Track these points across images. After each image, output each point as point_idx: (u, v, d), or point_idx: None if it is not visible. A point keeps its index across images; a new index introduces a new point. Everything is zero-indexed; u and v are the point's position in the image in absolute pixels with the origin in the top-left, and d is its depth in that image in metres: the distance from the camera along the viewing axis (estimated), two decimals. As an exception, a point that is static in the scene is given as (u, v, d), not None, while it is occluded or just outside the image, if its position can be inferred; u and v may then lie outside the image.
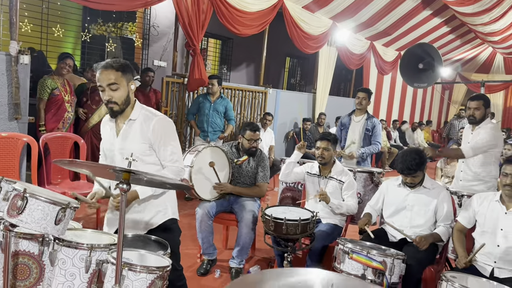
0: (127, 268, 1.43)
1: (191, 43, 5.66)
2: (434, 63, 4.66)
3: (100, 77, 2.09)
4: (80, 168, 1.37)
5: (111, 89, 2.10)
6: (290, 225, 2.83)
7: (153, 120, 2.21)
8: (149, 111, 2.27)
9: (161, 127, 2.23)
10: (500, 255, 2.53)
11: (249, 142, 3.64)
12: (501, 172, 2.63)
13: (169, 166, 2.26)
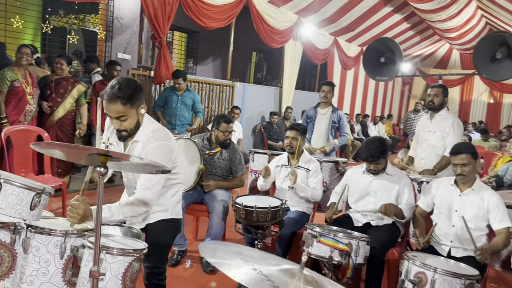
0: (105, 252, 1.46)
1: (157, 35, 5.62)
2: (395, 57, 4.87)
3: (107, 108, 2.00)
4: (56, 149, 1.36)
5: (120, 120, 2.02)
6: (260, 212, 2.90)
7: (150, 145, 2.12)
8: (153, 133, 2.14)
9: (153, 153, 2.09)
10: (456, 235, 2.71)
11: (224, 134, 3.70)
12: (451, 163, 2.81)
13: (137, 190, 2.07)
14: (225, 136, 3.70)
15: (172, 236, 2.42)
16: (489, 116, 16.03)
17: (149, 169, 1.57)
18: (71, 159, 1.57)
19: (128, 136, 2.13)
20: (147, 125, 2.16)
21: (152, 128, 2.17)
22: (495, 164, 6.34)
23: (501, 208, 2.64)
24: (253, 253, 1.19)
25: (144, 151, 2.12)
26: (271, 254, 1.35)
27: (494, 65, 4.44)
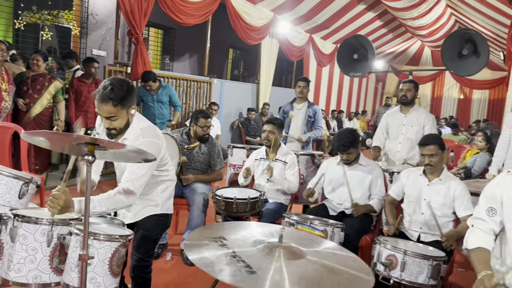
0: (92, 237, 1.52)
1: (134, 31, 5.62)
2: (368, 54, 5.03)
3: (98, 107, 2.04)
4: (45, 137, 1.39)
5: (111, 120, 2.06)
6: (239, 203, 3.00)
7: (138, 141, 2.14)
8: (142, 131, 2.18)
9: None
10: (424, 222, 2.87)
11: (203, 129, 3.77)
12: (420, 153, 2.97)
13: (123, 181, 2.10)
14: (204, 131, 3.77)
15: (161, 231, 2.46)
16: (460, 112, 16.60)
17: (134, 157, 1.61)
18: (57, 148, 1.61)
19: (117, 134, 2.16)
20: (137, 124, 2.20)
21: (142, 126, 2.20)
22: (464, 156, 6.63)
23: (466, 197, 2.81)
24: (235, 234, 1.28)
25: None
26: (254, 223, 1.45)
27: (461, 61, 4.66)
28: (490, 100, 16.00)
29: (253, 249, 1.12)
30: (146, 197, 2.35)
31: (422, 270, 2.29)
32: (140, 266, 2.31)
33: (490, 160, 5.66)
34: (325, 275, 1.07)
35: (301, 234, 1.29)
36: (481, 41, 4.47)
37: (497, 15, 7.63)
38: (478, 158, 5.70)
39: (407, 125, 4.10)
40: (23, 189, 1.54)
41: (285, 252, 1.11)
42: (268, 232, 1.27)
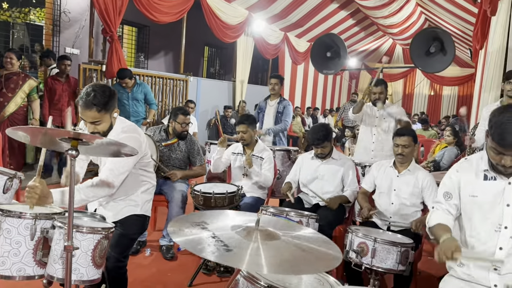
0: (75, 230, 1.57)
1: (108, 29, 5.60)
2: (340, 52, 5.19)
3: (82, 113, 2.10)
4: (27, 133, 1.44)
5: (95, 124, 2.12)
6: (218, 198, 3.08)
7: (118, 137, 2.17)
8: (122, 129, 2.26)
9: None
10: (394, 212, 3.02)
11: (181, 125, 3.82)
12: (393, 144, 3.12)
13: (103, 173, 2.16)
14: (182, 127, 3.82)
15: (139, 232, 2.49)
16: (430, 108, 17.11)
17: (116, 151, 1.69)
18: (38, 143, 1.65)
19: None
20: (119, 124, 2.28)
21: (123, 125, 2.29)
22: (433, 150, 6.90)
23: (434, 187, 2.97)
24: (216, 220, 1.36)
25: None
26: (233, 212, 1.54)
27: (429, 59, 4.87)
28: (459, 96, 16.55)
29: (232, 232, 1.21)
30: (127, 198, 2.41)
31: (391, 256, 2.42)
32: (116, 267, 2.31)
33: (457, 153, 5.92)
34: (298, 252, 1.17)
35: (277, 221, 1.38)
36: (447, 39, 4.68)
37: (463, 13, 7.94)
38: (446, 152, 5.94)
39: (379, 118, 4.28)
40: (7, 184, 1.58)
41: (262, 234, 1.20)
42: (246, 219, 1.37)
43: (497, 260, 1.72)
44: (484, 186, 1.79)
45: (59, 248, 1.59)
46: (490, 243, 1.76)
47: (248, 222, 1.28)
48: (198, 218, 1.32)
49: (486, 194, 1.78)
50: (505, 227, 1.72)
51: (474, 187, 1.82)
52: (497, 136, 1.64)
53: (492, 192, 1.76)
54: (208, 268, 3.22)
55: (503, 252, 1.72)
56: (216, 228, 1.24)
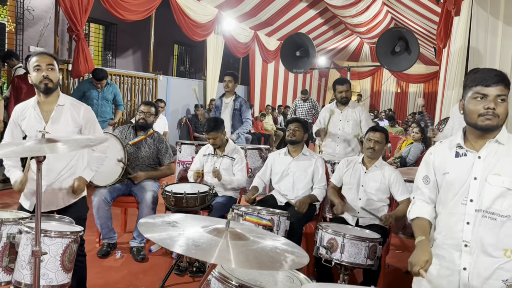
0: (43, 235, 1.54)
1: (74, 28, 5.47)
2: (309, 51, 5.26)
3: (39, 59, 2.36)
4: None
5: (49, 68, 2.36)
6: (189, 198, 3.08)
7: (81, 109, 2.55)
8: (73, 100, 2.58)
9: (89, 115, 2.59)
10: (362, 207, 3.10)
11: (139, 114, 3.79)
12: (366, 138, 3.21)
13: (97, 146, 2.61)
14: (140, 116, 3.77)
15: (86, 211, 2.72)
16: (397, 104, 17.56)
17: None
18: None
19: (52, 90, 2.42)
20: (63, 94, 2.54)
21: (69, 98, 2.57)
22: (400, 146, 7.11)
23: (401, 182, 3.08)
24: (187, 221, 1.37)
25: (77, 114, 2.52)
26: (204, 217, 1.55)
27: (395, 58, 5.00)
28: (425, 93, 17.06)
29: (202, 230, 1.23)
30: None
31: (360, 251, 2.50)
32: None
33: (422, 149, 6.13)
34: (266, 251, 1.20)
35: (248, 226, 1.39)
36: (411, 39, 4.82)
37: (428, 13, 8.19)
38: (412, 148, 6.13)
39: (343, 121, 4.37)
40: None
41: (231, 234, 1.22)
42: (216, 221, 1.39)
43: None
44: (455, 162, 1.81)
45: (27, 254, 1.56)
46: (457, 216, 1.77)
47: (218, 223, 1.30)
48: (170, 218, 1.33)
49: (456, 170, 1.79)
50: (471, 200, 1.73)
51: (446, 164, 1.84)
52: (479, 76, 1.69)
53: (462, 167, 1.77)
54: (180, 269, 3.21)
55: (469, 227, 1.74)
56: (187, 226, 1.26)
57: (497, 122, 1.69)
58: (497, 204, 1.70)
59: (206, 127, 3.77)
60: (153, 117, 3.87)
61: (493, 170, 1.72)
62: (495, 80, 1.67)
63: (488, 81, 1.67)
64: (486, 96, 1.68)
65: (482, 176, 1.73)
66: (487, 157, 1.74)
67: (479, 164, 1.75)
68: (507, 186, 1.69)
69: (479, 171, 1.74)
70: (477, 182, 1.73)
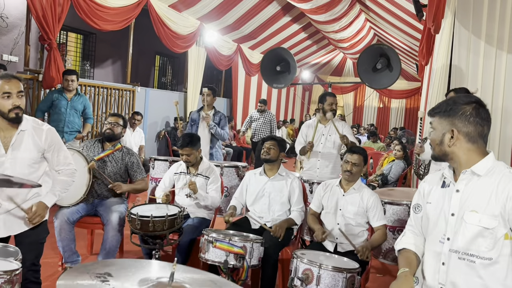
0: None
1: (46, 37, 5.23)
2: (290, 66, 5.14)
3: (9, 85, 2.24)
4: None
5: (19, 96, 2.27)
6: (157, 221, 2.85)
7: (43, 131, 2.42)
8: (35, 122, 2.44)
9: (52, 136, 2.47)
10: (340, 232, 2.93)
11: (106, 125, 3.59)
12: (343, 159, 3.06)
13: (63, 170, 2.52)
14: (107, 127, 3.58)
15: (46, 234, 2.57)
16: (379, 119, 17.63)
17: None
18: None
19: (21, 119, 2.32)
20: (25, 117, 2.40)
21: (31, 120, 2.44)
22: (381, 163, 7.00)
23: (378, 207, 2.93)
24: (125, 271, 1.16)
25: (39, 138, 2.40)
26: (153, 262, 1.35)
27: (376, 75, 4.92)
28: (407, 109, 17.17)
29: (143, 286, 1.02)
30: None
31: (337, 283, 2.32)
32: (32, 271, 2.39)
33: (404, 167, 6.04)
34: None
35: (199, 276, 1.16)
36: (393, 56, 4.75)
37: (410, 30, 8.20)
38: (393, 166, 6.04)
39: (325, 135, 4.23)
40: None
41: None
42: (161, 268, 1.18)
43: None
44: (439, 193, 1.68)
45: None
46: (435, 255, 1.64)
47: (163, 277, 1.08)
48: (103, 268, 1.11)
49: (438, 202, 1.66)
50: (448, 238, 1.59)
51: (431, 194, 1.71)
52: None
53: (443, 200, 1.64)
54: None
55: (444, 268, 1.59)
56: (121, 280, 1.04)
57: None
58: (475, 245, 1.53)
59: (180, 141, 3.58)
60: (121, 128, 3.66)
61: (470, 206, 1.55)
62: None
63: None
64: None
65: (460, 212, 1.57)
66: (464, 190, 1.58)
67: (456, 199, 1.59)
68: (484, 225, 1.51)
69: (457, 207, 1.58)
70: (454, 219, 1.58)
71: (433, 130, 1.63)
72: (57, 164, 2.51)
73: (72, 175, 2.59)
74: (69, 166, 2.57)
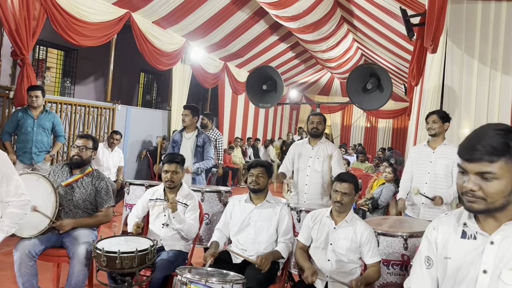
0: None
1: (19, 52, 4.93)
2: (277, 85, 4.91)
3: None
4: None
5: None
6: (125, 258, 2.53)
7: None
8: None
9: (4, 164, 2.25)
10: (331, 270, 2.65)
11: (74, 149, 3.25)
12: (332, 189, 2.79)
13: (14, 201, 2.29)
14: (74, 151, 3.23)
15: None
16: (367, 139, 17.53)
17: None
18: None
19: None
20: None
21: None
22: (371, 186, 6.76)
23: (373, 243, 2.66)
24: None
25: None
26: None
27: (366, 95, 4.72)
28: (394, 129, 17.13)
29: None
30: None
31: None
32: None
33: (395, 191, 5.79)
34: None
35: None
36: (384, 76, 4.56)
37: (399, 50, 8.11)
38: (384, 189, 5.79)
39: (313, 157, 4.00)
40: None
41: None
42: None
43: None
44: (460, 245, 1.37)
45: None
46: None
47: None
48: None
49: (461, 257, 1.36)
50: None
51: (448, 246, 1.41)
52: (461, 149, 1.30)
53: (469, 254, 1.34)
54: None
55: None
56: None
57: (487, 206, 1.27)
58: None
59: (167, 157, 3.28)
60: (91, 151, 3.33)
61: (509, 263, 1.26)
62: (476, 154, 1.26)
63: (467, 153, 1.28)
64: (467, 175, 1.29)
65: (495, 270, 1.27)
66: (502, 243, 1.29)
67: (491, 253, 1.29)
68: None
69: (491, 263, 1.28)
70: (487, 278, 1.28)
71: (495, 180, 1.25)
72: (6, 195, 2.25)
73: (24, 207, 2.34)
74: (21, 197, 2.33)
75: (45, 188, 3.02)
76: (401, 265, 3.00)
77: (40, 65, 8.66)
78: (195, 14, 7.42)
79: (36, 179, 3.04)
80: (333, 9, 8.07)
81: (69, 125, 6.26)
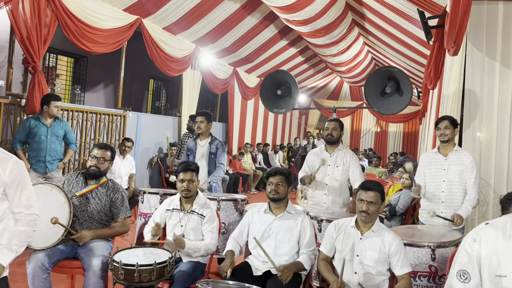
0: None
1: (31, 59, 4.89)
2: (291, 90, 4.81)
3: None
4: None
5: None
6: (143, 271, 2.44)
7: (9, 162, 2.16)
8: (2, 152, 2.19)
9: (19, 171, 2.19)
10: (358, 283, 2.53)
11: (91, 160, 3.16)
12: (357, 198, 2.67)
13: (22, 214, 2.20)
14: (92, 162, 3.15)
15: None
16: (377, 144, 17.33)
17: None
18: None
19: None
20: None
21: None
22: (387, 192, 6.60)
23: (403, 253, 2.54)
24: None
25: (2, 170, 2.12)
26: None
27: (385, 99, 4.59)
28: (405, 133, 16.91)
29: None
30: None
31: None
32: None
33: (413, 197, 5.64)
34: None
35: None
36: (403, 79, 4.44)
37: (412, 53, 7.98)
38: (401, 196, 5.63)
39: (332, 166, 3.87)
40: None
41: None
42: None
43: None
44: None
45: None
46: None
47: None
48: None
49: None
50: None
51: (500, 262, 1.29)
52: None
53: None
54: None
55: None
56: None
57: None
58: None
59: (182, 166, 3.18)
60: (109, 163, 3.25)
61: None
62: None
63: None
64: None
65: None
66: None
67: None
68: None
69: None
70: None
71: None
72: (17, 205, 2.20)
73: (33, 223, 2.25)
74: (30, 209, 2.24)
75: (59, 199, 2.95)
76: (428, 277, 2.88)
77: (50, 73, 8.65)
78: (205, 20, 7.36)
79: (49, 189, 2.96)
80: (344, 12, 7.97)
81: (80, 133, 6.20)
